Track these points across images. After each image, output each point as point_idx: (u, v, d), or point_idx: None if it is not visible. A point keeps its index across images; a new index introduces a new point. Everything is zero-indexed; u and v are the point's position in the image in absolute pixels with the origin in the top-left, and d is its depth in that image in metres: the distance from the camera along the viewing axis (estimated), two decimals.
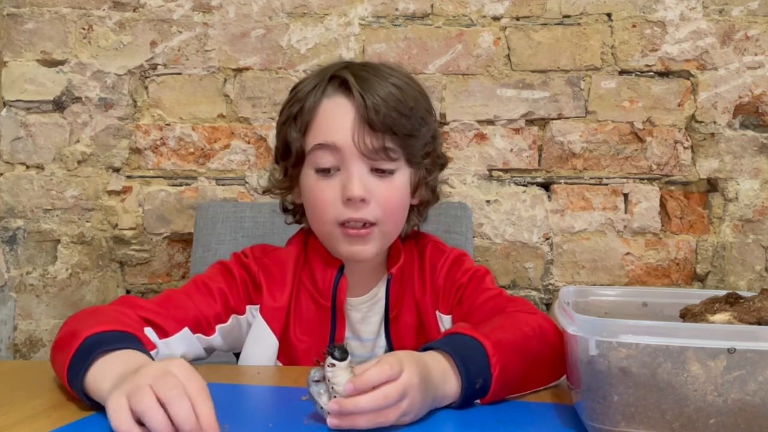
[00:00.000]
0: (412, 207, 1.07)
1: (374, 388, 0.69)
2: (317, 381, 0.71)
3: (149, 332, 0.89)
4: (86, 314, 0.87)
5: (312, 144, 0.98)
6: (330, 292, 1.02)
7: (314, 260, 1.05)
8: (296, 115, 1.00)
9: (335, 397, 0.69)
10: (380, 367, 0.70)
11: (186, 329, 0.94)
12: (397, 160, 0.99)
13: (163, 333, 0.91)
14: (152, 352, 0.88)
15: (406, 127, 0.98)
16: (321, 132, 0.98)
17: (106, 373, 0.73)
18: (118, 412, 0.63)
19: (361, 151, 0.96)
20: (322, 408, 0.70)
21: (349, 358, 0.70)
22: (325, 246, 1.03)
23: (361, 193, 0.95)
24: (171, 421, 0.62)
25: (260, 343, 1.02)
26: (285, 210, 1.11)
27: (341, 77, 0.99)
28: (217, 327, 0.99)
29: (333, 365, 0.69)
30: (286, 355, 1.03)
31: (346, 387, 0.68)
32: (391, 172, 0.99)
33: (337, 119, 0.97)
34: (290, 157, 1.01)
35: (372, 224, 0.98)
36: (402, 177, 1.01)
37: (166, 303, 0.95)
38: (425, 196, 1.07)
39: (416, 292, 1.07)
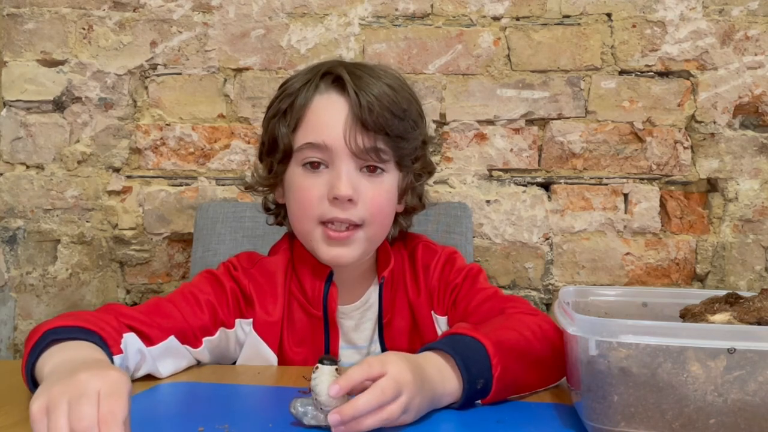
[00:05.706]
0: (397, 214, 1.05)
1: (363, 387, 0.69)
2: (300, 406, 0.72)
3: (131, 338, 0.86)
4: (61, 315, 0.86)
5: (302, 142, 0.97)
6: (320, 301, 1.01)
7: (302, 269, 1.03)
8: (286, 110, 0.98)
9: (321, 409, 0.69)
10: (360, 365, 0.70)
11: (172, 337, 0.92)
12: (388, 161, 0.98)
13: (148, 341, 0.89)
14: (137, 360, 0.87)
15: (398, 128, 0.97)
16: (312, 129, 0.96)
17: (51, 357, 0.74)
18: (37, 423, 0.60)
19: (352, 151, 0.94)
20: (322, 426, 0.71)
21: (337, 365, 0.70)
22: (306, 247, 1.01)
23: (349, 192, 0.93)
24: None
25: (258, 360, 1.00)
26: (267, 210, 1.10)
27: (335, 74, 0.98)
28: (204, 340, 0.96)
29: (318, 368, 0.70)
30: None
31: (330, 388, 0.67)
32: (380, 173, 0.98)
33: (329, 116, 0.96)
34: (277, 153, 0.99)
35: (356, 226, 0.96)
36: (391, 180, 1.00)
37: (152, 311, 0.93)
38: (411, 202, 1.06)
39: (410, 294, 1.06)
